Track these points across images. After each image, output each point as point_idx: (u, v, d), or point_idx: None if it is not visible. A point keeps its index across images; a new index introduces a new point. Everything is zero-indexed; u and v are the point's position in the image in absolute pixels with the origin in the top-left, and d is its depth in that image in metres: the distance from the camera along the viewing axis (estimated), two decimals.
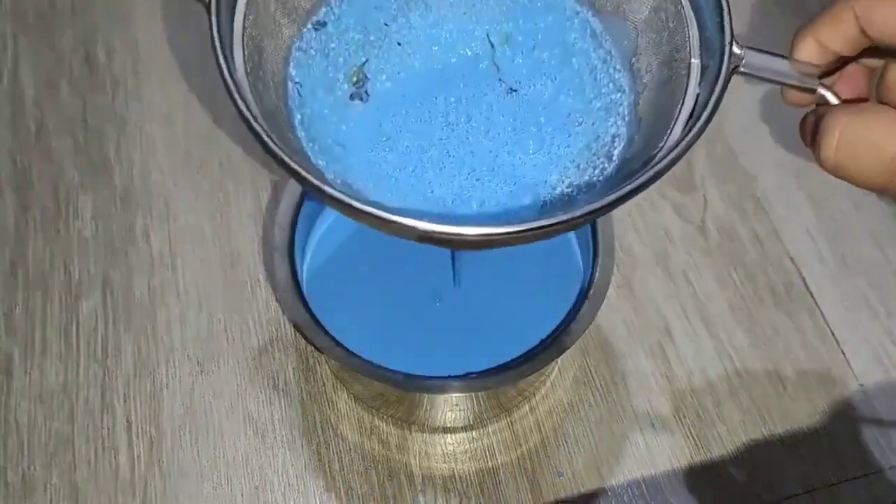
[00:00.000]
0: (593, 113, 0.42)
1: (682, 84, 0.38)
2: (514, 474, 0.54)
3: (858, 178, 0.34)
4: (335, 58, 0.42)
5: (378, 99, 0.43)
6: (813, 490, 0.54)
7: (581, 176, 0.41)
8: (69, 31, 0.72)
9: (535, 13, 0.43)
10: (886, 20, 0.34)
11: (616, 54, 0.42)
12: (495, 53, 0.44)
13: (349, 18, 0.43)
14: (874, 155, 0.33)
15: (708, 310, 0.61)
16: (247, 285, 0.60)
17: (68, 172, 0.65)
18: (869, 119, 0.34)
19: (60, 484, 0.53)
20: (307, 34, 0.42)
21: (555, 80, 0.43)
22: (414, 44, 0.44)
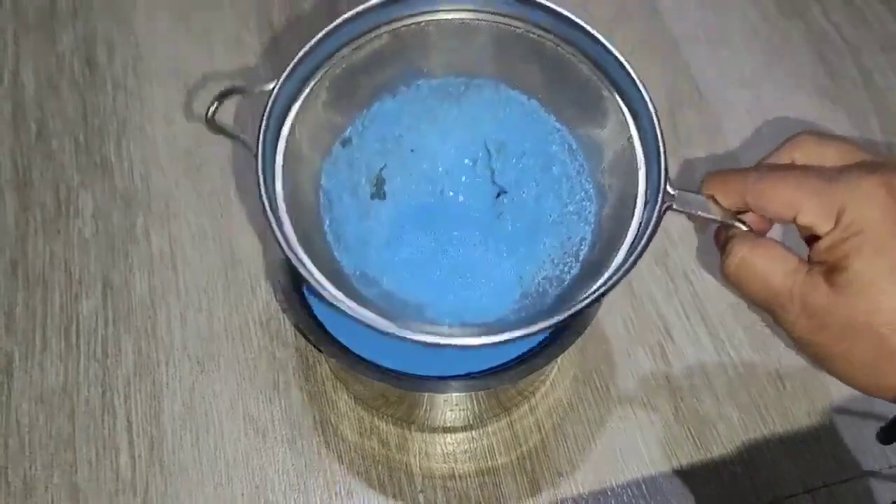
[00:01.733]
0: (568, 216, 0.49)
1: (630, 209, 0.45)
2: (513, 474, 0.54)
3: (748, 296, 0.42)
4: (358, 166, 0.50)
5: (393, 198, 0.51)
6: (813, 490, 0.54)
7: (553, 270, 0.48)
8: (70, 32, 0.72)
9: (525, 125, 0.51)
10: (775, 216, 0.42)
11: (587, 167, 0.49)
12: (490, 159, 0.51)
13: (370, 133, 0.50)
14: (761, 283, 0.41)
15: (708, 309, 0.61)
16: (247, 285, 0.60)
17: (69, 172, 0.65)
18: (762, 254, 0.41)
19: (61, 484, 0.53)
20: (335, 150, 0.49)
21: (538, 184, 0.50)
22: (424, 149, 0.52)
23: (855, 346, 0.39)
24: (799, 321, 0.40)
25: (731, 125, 0.69)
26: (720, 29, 0.75)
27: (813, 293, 0.39)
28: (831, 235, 0.39)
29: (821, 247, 0.40)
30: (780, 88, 0.72)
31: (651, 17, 0.76)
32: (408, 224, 0.51)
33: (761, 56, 0.74)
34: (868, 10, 0.77)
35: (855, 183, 0.39)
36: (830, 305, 0.39)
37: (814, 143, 0.43)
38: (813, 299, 0.39)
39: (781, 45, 0.74)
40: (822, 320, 0.39)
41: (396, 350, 0.51)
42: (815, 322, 0.39)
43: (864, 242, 0.38)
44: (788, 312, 0.40)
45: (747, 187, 0.42)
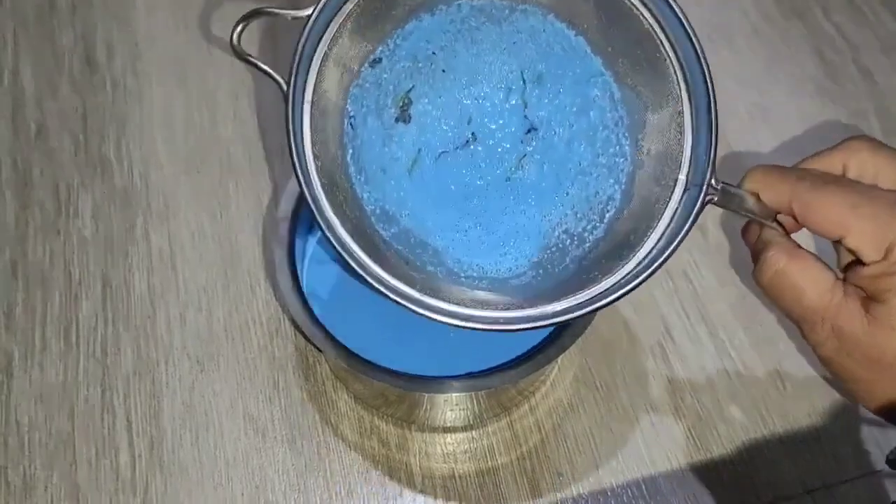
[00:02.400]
0: (598, 167, 0.47)
1: (667, 192, 0.44)
2: (513, 474, 0.54)
3: (779, 306, 0.42)
4: (386, 86, 0.47)
5: (417, 122, 0.48)
6: (813, 490, 0.54)
7: (576, 225, 0.47)
8: (69, 31, 0.72)
9: (567, 62, 0.48)
10: (819, 231, 0.41)
11: (627, 122, 0.47)
12: (525, 90, 0.48)
13: (402, 51, 0.47)
14: (795, 298, 0.41)
15: (708, 309, 0.61)
16: (247, 284, 0.60)
17: (68, 172, 0.65)
18: (799, 269, 0.41)
19: (61, 483, 0.53)
20: (364, 72, 0.47)
21: (572, 126, 0.48)
22: (456, 71, 0.48)
23: (880, 380, 0.39)
24: (828, 342, 0.40)
25: (732, 125, 0.69)
26: (720, 29, 0.75)
27: (847, 318, 0.39)
28: (878, 266, 0.39)
29: (864, 274, 0.39)
30: (780, 88, 0.72)
31: None
32: (431, 154, 0.49)
33: (762, 56, 0.74)
34: (868, 10, 0.77)
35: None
36: (863, 335, 0.39)
37: (869, 153, 0.42)
38: (846, 324, 0.39)
39: (782, 45, 0.74)
40: (852, 347, 0.39)
41: (396, 350, 0.51)
42: (844, 347, 0.39)
43: None
44: (818, 333, 0.40)
45: (797, 194, 0.41)
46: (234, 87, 0.69)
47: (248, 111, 0.68)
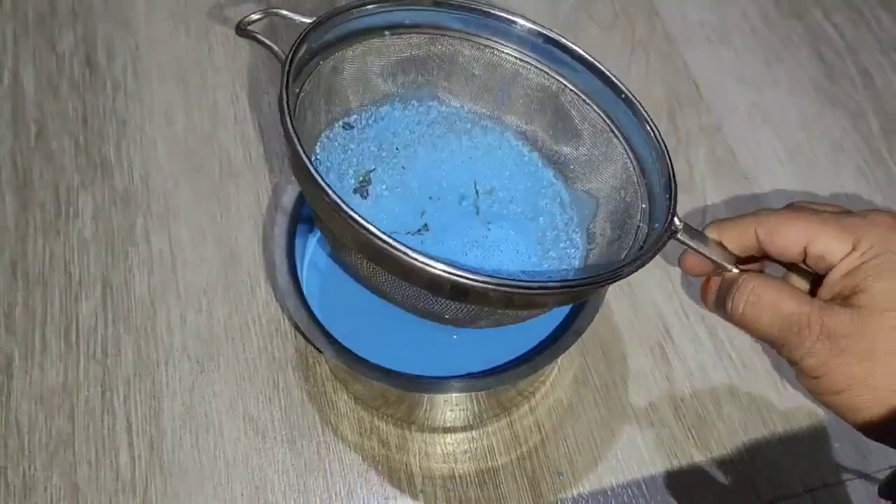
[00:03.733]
0: (549, 260, 0.50)
1: (628, 242, 0.47)
2: (513, 474, 0.54)
3: (759, 328, 0.42)
4: (350, 156, 0.51)
5: (374, 202, 0.51)
6: (813, 490, 0.54)
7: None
8: (69, 33, 0.72)
9: (519, 177, 0.53)
10: (783, 248, 0.42)
11: (577, 220, 0.51)
12: (478, 199, 0.52)
13: (371, 132, 0.52)
14: (772, 311, 0.41)
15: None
16: (247, 285, 0.60)
17: (68, 173, 0.65)
18: (773, 285, 0.42)
19: (61, 484, 0.53)
20: (336, 129, 0.51)
21: (522, 230, 0.51)
22: (415, 171, 0.52)
23: (875, 373, 0.39)
24: (815, 347, 0.40)
25: (731, 125, 0.69)
26: (720, 29, 0.75)
27: (834, 314, 0.39)
28: (849, 259, 0.40)
29: (836, 274, 0.40)
30: (779, 88, 0.72)
31: (651, 17, 0.76)
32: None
33: (761, 56, 0.74)
34: (868, 11, 0.77)
35: (870, 216, 0.41)
36: (853, 326, 0.39)
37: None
38: (834, 320, 0.39)
39: (781, 46, 0.75)
40: (843, 342, 0.39)
41: (397, 350, 0.51)
42: (835, 345, 0.39)
43: (884, 263, 0.39)
44: (804, 338, 0.40)
45: (760, 221, 0.43)
46: (233, 89, 0.69)
47: (248, 113, 0.68)
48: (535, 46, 0.51)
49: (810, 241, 0.41)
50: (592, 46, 0.73)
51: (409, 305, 0.46)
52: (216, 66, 0.70)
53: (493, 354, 0.51)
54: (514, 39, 0.51)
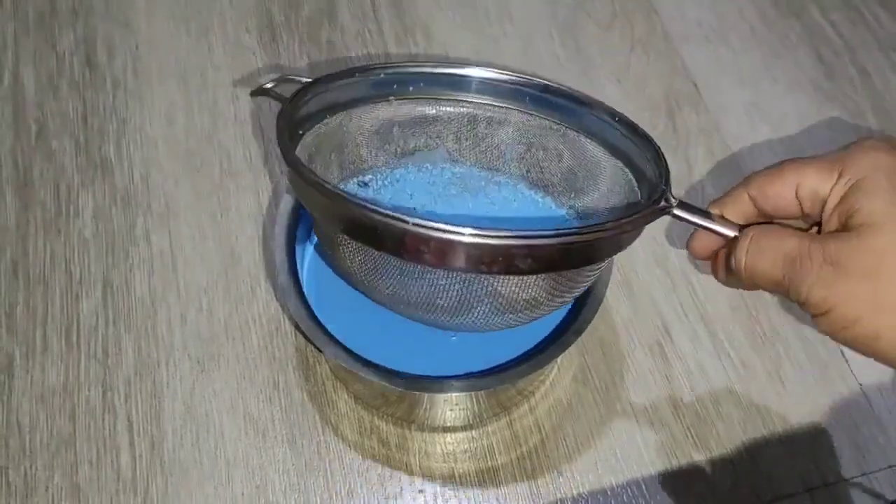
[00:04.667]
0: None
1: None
2: (513, 474, 0.54)
3: (765, 274, 0.41)
4: None
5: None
6: (812, 489, 0.55)
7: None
8: (70, 32, 0.72)
9: (536, 222, 0.54)
10: (776, 200, 0.42)
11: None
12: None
13: (387, 192, 0.54)
14: (773, 252, 0.41)
15: (707, 309, 0.61)
16: (247, 285, 0.60)
17: (69, 172, 0.65)
18: (771, 229, 0.42)
19: (62, 483, 0.53)
20: (351, 185, 0.53)
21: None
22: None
23: (881, 287, 0.38)
24: (820, 276, 0.39)
25: (730, 124, 0.69)
26: (718, 28, 0.75)
27: (833, 240, 0.39)
28: (837, 188, 0.40)
29: (829, 206, 0.40)
30: (778, 87, 0.72)
31: (650, 16, 0.76)
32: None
33: (759, 55, 0.74)
34: (866, 10, 0.77)
35: (852, 146, 0.41)
36: (853, 245, 0.38)
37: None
38: (834, 245, 0.39)
39: (779, 45, 0.75)
40: (846, 264, 0.38)
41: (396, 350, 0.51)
42: (840, 270, 0.39)
43: (872, 182, 0.39)
44: (808, 271, 0.39)
45: (750, 183, 0.43)
46: (234, 89, 0.69)
47: (248, 112, 0.68)
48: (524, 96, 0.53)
49: (799, 183, 0.41)
50: (591, 46, 0.74)
51: (413, 307, 0.46)
52: (216, 65, 0.70)
53: (493, 354, 0.51)
54: (507, 94, 0.53)
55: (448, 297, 0.44)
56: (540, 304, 0.46)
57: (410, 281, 0.44)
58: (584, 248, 0.42)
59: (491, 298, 0.44)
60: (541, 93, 0.53)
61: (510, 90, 0.53)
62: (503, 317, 0.46)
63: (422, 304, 0.45)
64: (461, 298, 0.44)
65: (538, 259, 0.41)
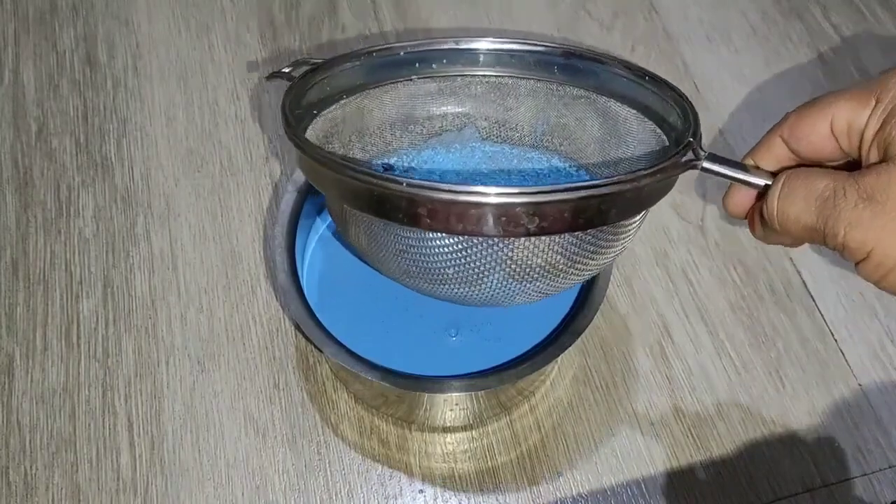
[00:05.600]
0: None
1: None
2: (513, 474, 0.54)
3: (798, 218, 0.38)
4: None
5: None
6: (812, 489, 0.55)
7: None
8: (70, 31, 0.72)
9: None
10: (810, 138, 0.39)
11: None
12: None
13: (415, 175, 0.51)
14: (806, 193, 0.38)
15: (707, 309, 0.61)
16: (247, 285, 0.60)
17: (69, 172, 0.65)
18: (803, 170, 0.38)
19: (62, 484, 0.53)
20: (376, 167, 0.51)
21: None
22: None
23: None
24: (856, 213, 0.36)
25: (731, 124, 0.69)
26: (719, 28, 0.75)
27: (868, 174, 0.36)
28: (875, 116, 0.37)
29: (868, 136, 0.37)
30: (779, 87, 0.72)
31: (650, 16, 0.76)
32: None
33: (760, 55, 0.74)
34: (867, 10, 0.77)
35: (886, 73, 0.37)
36: (891, 176, 0.35)
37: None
38: (870, 179, 0.36)
39: (780, 45, 0.75)
40: (884, 198, 0.35)
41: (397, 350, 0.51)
42: (876, 206, 0.35)
43: None
44: (841, 209, 0.36)
45: (780, 125, 0.41)
46: (234, 88, 0.69)
47: (249, 112, 0.68)
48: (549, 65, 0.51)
49: (833, 116, 0.38)
50: (592, 45, 0.74)
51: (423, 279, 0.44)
52: (217, 64, 0.70)
53: (494, 354, 0.51)
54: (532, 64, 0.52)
55: (457, 265, 0.42)
56: (557, 271, 0.43)
57: (416, 250, 0.42)
58: (603, 202, 0.38)
59: (504, 264, 0.42)
60: (566, 59, 0.51)
61: (535, 60, 0.51)
62: (520, 286, 0.43)
63: (432, 276, 0.44)
64: (472, 266, 0.42)
65: (548, 217, 0.38)
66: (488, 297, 0.44)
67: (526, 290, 0.44)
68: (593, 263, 0.44)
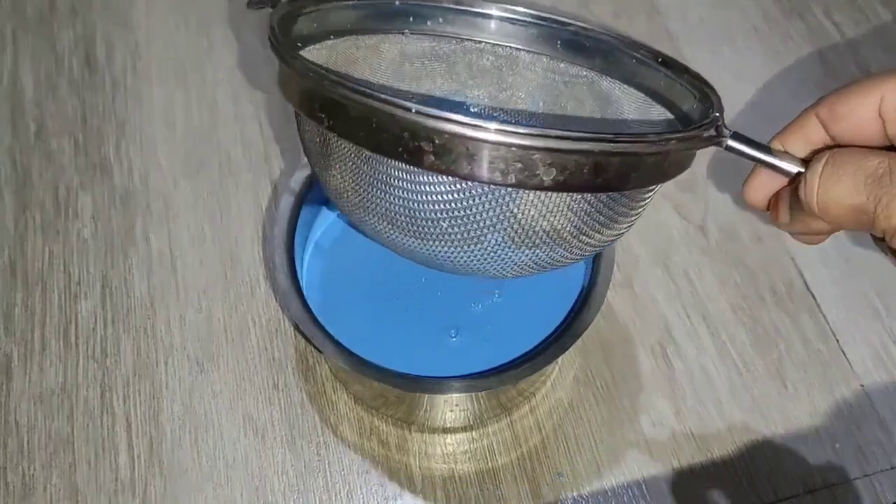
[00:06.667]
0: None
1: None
2: (514, 475, 0.54)
3: (844, 196, 0.35)
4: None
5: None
6: (814, 490, 0.54)
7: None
8: (69, 31, 0.72)
9: None
10: (852, 119, 0.37)
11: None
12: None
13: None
14: (854, 170, 0.35)
15: (709, 309, 0.60)
16: (247, 285, 0.60)
17: (68, 172, 0.64)
18: (850, 149, 0.36)
19: (60, 484, 0.53)
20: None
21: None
22: None
23: None
24: None
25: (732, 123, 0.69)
26: (720, 28, 0.75)
27: None
28: None
29: None
30: (780, 87, 0.72)
31: (651, 15, 0.76)
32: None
33: (762, 55, 0.74)
34: (869, 10, 0.76)
35: None
36: None
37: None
38: None
39: (782, 45, 0.74)
40: None
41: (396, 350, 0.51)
42: None
43: None
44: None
45: (818, 104, 0.38)
46: (233, 88, 0.69)
47: (248, 112, 0.68)
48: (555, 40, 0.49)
49: (883, 95, 0.36)
50: None
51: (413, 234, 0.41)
52: (216, 64, 0.70)
53: (493, 354, 0.51)
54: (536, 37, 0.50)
55: (454, 217, 0.39)
56: (560, 240, 0.40)
57: (410, 193, 0.39)
58: (619, 163, 0.35)
59: (507, 223, 0.39)
60: (574, 36, 0.48)
61: (540, 33, 0.49)
62: (518, 252, 0.40)
63: (423, 228, 0.40)
64: (471, 220, 0.39)
65: (566, 170, 0.34)
66: (480, 262, 0.41)
67: (521, 260, 0.41)
68: (597, 239, 0.41)
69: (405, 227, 0.40)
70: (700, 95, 0.44)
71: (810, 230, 0.39)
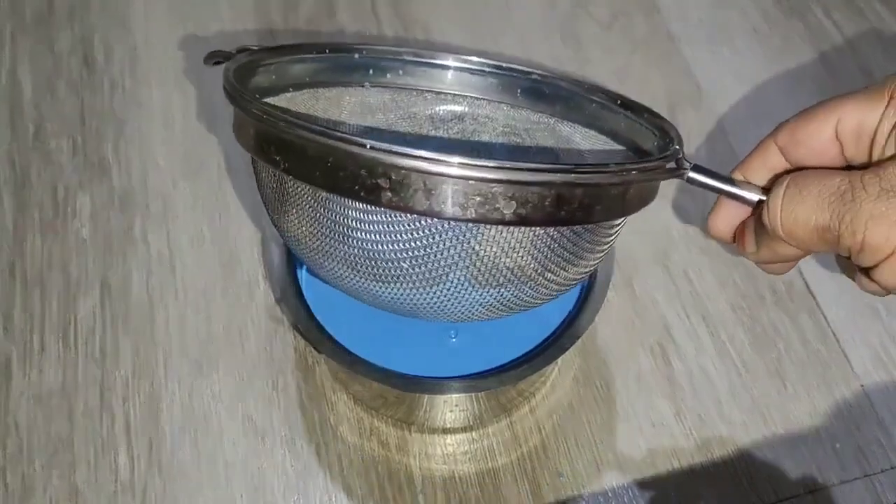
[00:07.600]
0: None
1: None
2: (514, 475, 0.54)
3: (807, 218, 0.35)
4: None
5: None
6: (814, 490, 0.54)
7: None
8: (67, 32, 0.72)
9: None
10: (810, 144, 0.37)
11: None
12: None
13: None
14: (818, 190, 0.35)
15: (708, 309, 0.60)
16: (246, 286, 0.60)
17: (67, 173, 0.64)
18: (811, 170, 0.36)
19: (60, 485, 0.53)
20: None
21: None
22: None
23: None
24: (879, 203, 0.33)
25: (732, 124, 0.69)
26: (720, 28, 0.75)
27: (890, 166, 0.33)
28: (889, 113, 0.35)
29: (882, 135, 0.35)
30: (780, 87, 0.72)
31: (651, 15, 0.76)
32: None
33: (762, 55, 0.74)
34: (868, 9, 0.76)
35: (891, 76, 0.36)
36: None
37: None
38: (893, 168, 0.33)
39: (782, 44, 0.74)
40: None
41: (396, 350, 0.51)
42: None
43: None
44: (863, 201, 0.33)
45: (776, 132, 0.38)
46: None
47: None
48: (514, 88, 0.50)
49: (839, 118, 0.36)
50: (592, 45, 0.74)
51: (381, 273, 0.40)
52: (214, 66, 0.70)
53: (493, 355, 0.51)
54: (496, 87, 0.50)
55: (416, 258, 0.38)
56: (525, 277, 0.40)
57: (368, 234, 0.38)
58: (581, 195, 0.35)
59: (468, 260, 0.38)
60: (534, 84, 0.49)
61: (500, 83, 0.50)
62: (482, 292, 0.40)
63: (383, 270, 0.39)
64: (432, 259, 0.38)
65: (527, 203, 0.34)
66: (444, 303, 0.41)
67: (487, 300, 0.41)
68: (563, 277, 0.41)
69: (365, 270, 0.40)
70: (660, 133, 0.44)
71: (777, 257, 0.39)
